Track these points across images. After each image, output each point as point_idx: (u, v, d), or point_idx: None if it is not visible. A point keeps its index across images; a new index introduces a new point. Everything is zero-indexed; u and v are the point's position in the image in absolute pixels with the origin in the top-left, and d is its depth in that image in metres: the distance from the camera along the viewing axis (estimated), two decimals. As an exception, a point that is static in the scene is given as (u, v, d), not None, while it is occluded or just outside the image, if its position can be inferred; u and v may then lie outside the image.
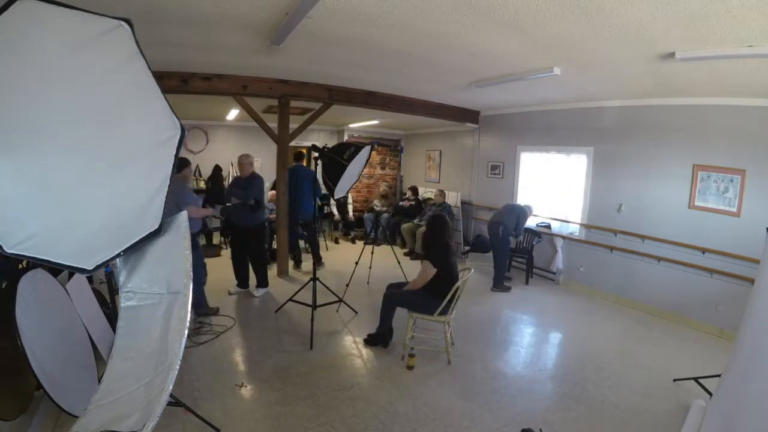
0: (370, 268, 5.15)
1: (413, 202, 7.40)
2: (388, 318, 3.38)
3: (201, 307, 3.87)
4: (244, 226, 4.44)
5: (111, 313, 2.88)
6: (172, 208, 3.44)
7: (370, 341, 3.46)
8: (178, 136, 1.97)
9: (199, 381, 2.78)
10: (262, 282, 4.68)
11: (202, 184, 7.20)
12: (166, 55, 3.54)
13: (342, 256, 6.53)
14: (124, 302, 2.38)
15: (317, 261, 5.79)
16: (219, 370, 2.96)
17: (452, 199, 7.02)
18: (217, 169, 7.06)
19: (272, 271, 5.59)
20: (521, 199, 6.10)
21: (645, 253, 4.66)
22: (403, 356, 3.21)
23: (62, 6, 1.56)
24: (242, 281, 4.71)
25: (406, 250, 7.01)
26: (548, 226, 5.76)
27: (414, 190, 7.72)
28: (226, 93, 4.44)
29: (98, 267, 1.91)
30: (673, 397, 2.84)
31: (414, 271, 4.39)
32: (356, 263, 4.75)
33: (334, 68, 3.95)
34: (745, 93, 3.76)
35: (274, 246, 5.88)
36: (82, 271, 1.87)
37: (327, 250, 7.04)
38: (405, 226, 7.06)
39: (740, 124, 3.94)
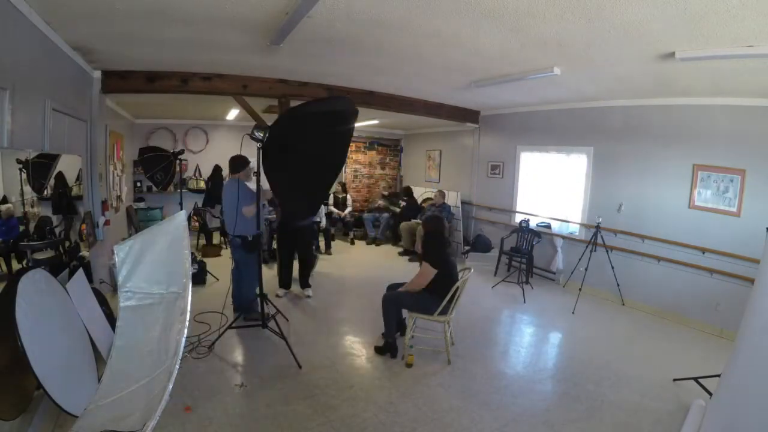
0: (371, 268, 5.15)
1: (405, 203, 7.43)
2: (392, 319, 3.30)
3: (249, 313, 3.70)
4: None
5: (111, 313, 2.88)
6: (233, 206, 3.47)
7: (378, 351, 3.33)
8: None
9: (199, 381, 2.78)
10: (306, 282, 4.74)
11: (202, 184, 7.21)
12: (166, 55, 3.54)
13: (343, 257, 6.52)
14: (123, 302, 2.38)
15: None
16: (219, 370, 2.96)
17: (452, 199, 7.01)
18: (217, 169, 7.05)
19: (272, 270, 5.60)
20: (520, 200, 6.12)
21: (645, 253, 4.66)
22: (403, 356, 3.21)
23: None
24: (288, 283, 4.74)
25: (401, 250, 6.93)
26: (548, 226, 5.76)
27: (407, 191, 7.72)
28: (226, 93, 4.43)
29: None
30: (673, 397, 2.83)
31: (412, 272, 4.36)
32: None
33: (334, 68, 3.95)
34: (745, 93, 3.76)
35: (274, 246, 5.88)
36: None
37: (331, 254, 6.84)
38: (403, 224, 7.05)
39: (740, 124, 3.94)
